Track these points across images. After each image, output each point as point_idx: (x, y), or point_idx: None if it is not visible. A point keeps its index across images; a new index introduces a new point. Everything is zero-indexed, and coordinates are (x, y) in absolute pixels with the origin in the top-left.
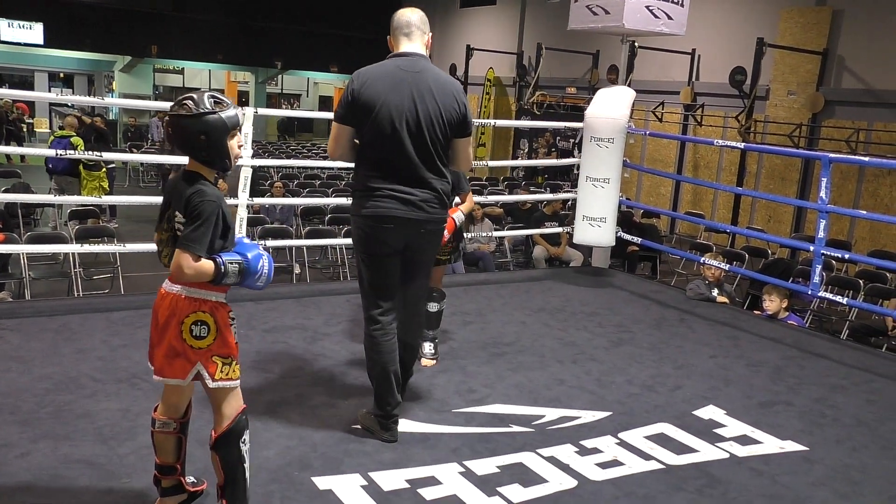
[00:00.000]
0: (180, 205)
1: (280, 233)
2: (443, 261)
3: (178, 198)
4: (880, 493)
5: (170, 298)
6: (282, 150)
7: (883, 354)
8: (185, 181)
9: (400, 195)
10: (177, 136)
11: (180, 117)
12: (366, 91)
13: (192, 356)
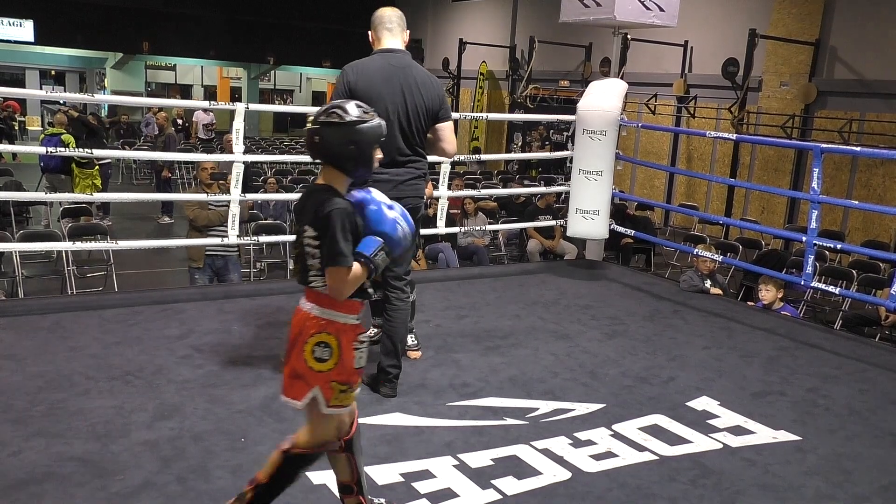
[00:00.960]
0: (308, 218)
1: (274, 228)
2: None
3: (307, 212)
4: (872, 482)
5: (300, 316)
6: (275, 146)
7: (875, 344)
8: (317, 195)
9: (388, 179)
10: (323, 145)
11: (331, 126)
12: (361, 83)
13: (311, 379)
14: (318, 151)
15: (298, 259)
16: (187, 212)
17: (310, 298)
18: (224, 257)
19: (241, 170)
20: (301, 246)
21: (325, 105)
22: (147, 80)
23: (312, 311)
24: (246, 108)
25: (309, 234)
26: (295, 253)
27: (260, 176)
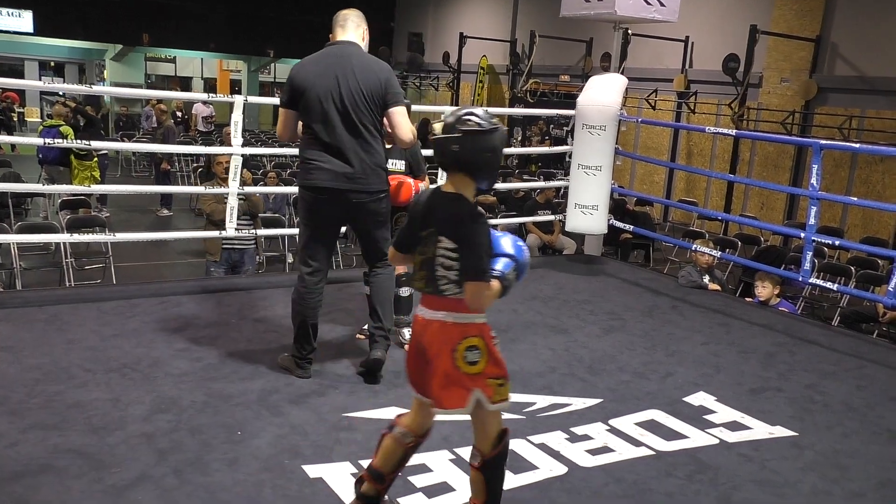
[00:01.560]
0: (448, 229)
1: (273, 222)
2: None
3: (443, 221)
4: (869, 478)
5: (435, 327)
6: (275, 139)
7: (873, 341)
8: (450, 203)
9: (331, 168)
10: (464, 152)
11: (475, 133)
12: (298, 76)
13: (469, 383)
14: (453, 160)
15: (425, 266)
16: (203, 206)
17: (439, 306)
18: (241, 250)
19: (240, 162)
20: (432, 254)
21: (456, 113)
22: (147, 72)
23: (448, 318)
24: (245, 101)
25: (446, 245)
26: (421, 259)
27: (259, 169)
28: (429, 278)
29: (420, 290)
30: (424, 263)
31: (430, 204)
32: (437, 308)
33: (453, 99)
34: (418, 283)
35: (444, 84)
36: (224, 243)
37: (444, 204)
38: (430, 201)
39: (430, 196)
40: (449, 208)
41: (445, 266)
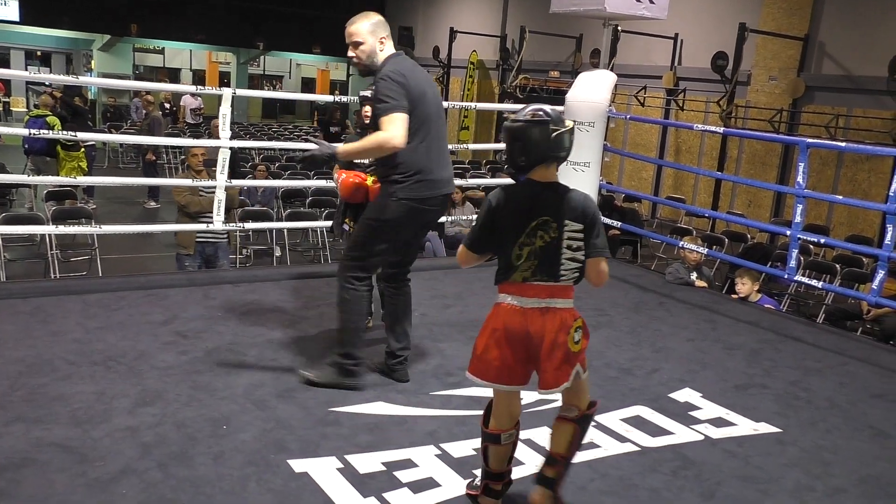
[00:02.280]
0: (573, 214)
1: (261, 215)
2: None
3: (564, 208)
4: (851, 474)
5: (556, 315)
6: (264, 132)
7: (857, 338)
8: (557, 190)
9: (444, 176)
10: (563, 145)
11: (569, 130)
12: (413, 80)
13: (573, 360)
14: (569, 151)
15: (537, 254)
16: (177, 198)
17: (551, 294)
18: (214, 244)
19: (228, 155)
20: (554, 241)
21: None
22: (135, 63)
23: (565, 305)
24: (233, 93)
25: (574, 227)
26: (529, 250)
27: (248, 162)
28: (549, 265)
29: (522, 280)
30: (536, 252)
31: (533, 196)
32: (548, 296)
33: (443, 94)
34: (526, 271)
35: (434, 78)
36: (198, 236)
37: (555, 192)
38: (530, 193)
39: (525, 190)
40: (569, 196)
41: (573, 248)
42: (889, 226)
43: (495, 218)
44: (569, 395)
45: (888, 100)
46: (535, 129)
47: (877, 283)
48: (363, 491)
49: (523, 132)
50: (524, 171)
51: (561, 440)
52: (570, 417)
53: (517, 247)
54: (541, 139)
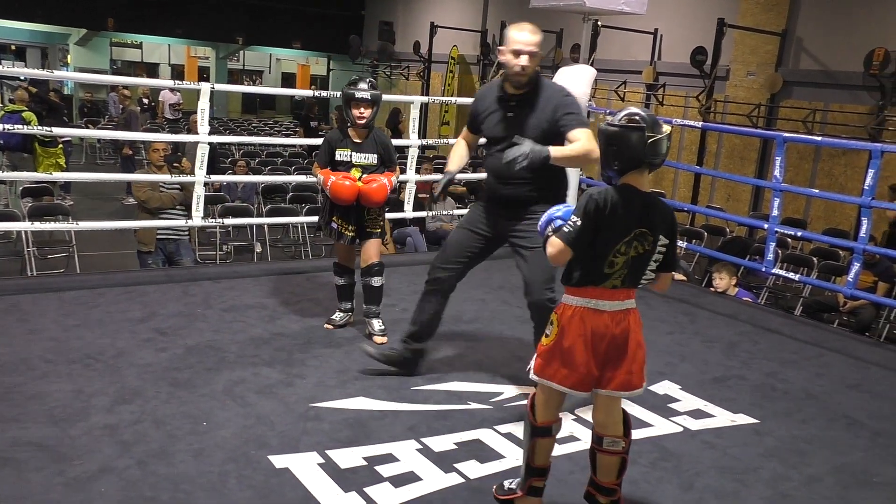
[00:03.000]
0: (664, 228)
1: (241, 211)
2: (376, 234)
3: (660, 221)
4: (825, 463)
5: (631, 317)
6: (243, 128)
7: (833, 330)
8: (656, 202)
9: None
10: (658, 151)
11: (666, 136)
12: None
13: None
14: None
15: (628, 265)
16: (137, 194)
17: (627, 297)
18: (176, 241)
19: (207, 150)
20: (647, 253)
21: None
22: (112, 57)
23: (633, 306)
24: (212, 88)
25: (663, 242)
26: (624, 259)
27: (227, 157)
28: (631, 274)
29: (613, 287)
30: (630, 261)
31: (634, 203)
32: (627, 298)
33: (424, 89)
34: (617, 279)
35: (415, 74)
36: (158, 233)
37: (659, 204)
38: (632, 200)
39: (626, 195)
40: (660, 206)
41: (657, 260)
42: (864, 219)
43: (600, 219)
44: (609, 414)
45: (864, 95)
46: (631, 135)
47: (852, 276)
48: (344, 486)
49: (618, 137)
50: (618, 175)
51: (609, 471)
52: (620, 451)
53: (613, 254)
54: (636, 145)
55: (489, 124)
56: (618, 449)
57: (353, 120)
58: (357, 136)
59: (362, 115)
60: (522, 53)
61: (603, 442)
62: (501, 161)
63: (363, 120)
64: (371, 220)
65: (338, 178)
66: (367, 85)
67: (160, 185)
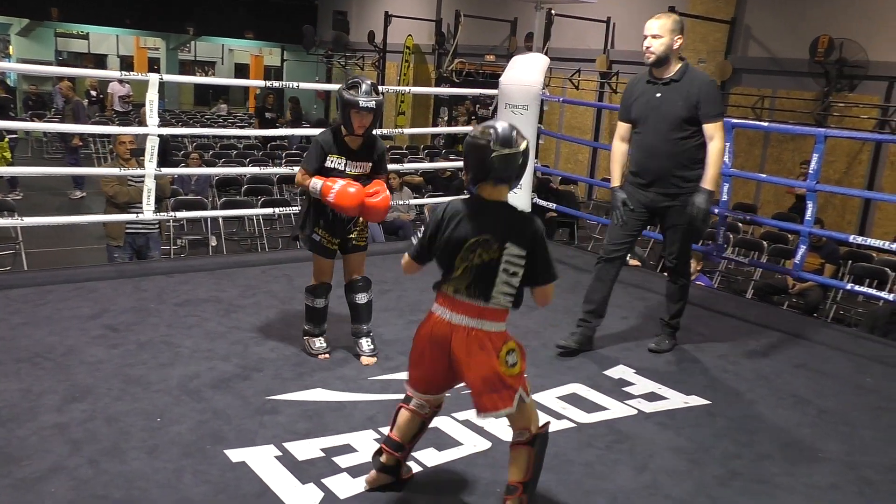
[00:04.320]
0: (515, 236)
1: (195, 204)
2: (362, 246)
3: (507, 229)
4: (773, 441)
5: (475, 334)
6: (196, 120)
7: (783, 311)
8: (511, 212)
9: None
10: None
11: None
12: None
13: (514, 383)
14: (518, 173)
15: (472, 272)
16: (105, 188)
17: (477, 314)
18: (146, 235)
19: (157, 143)
20: (493, 262)
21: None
22: (58, 48)
23: (484, 326)
24: (160, 79)
25: (514, 251)
26: (465, 266)
27: (181, 150)
28: (483, 285)
29: (453, 294)
30: (471, 270)
31: (477, 212)
32: (474, 316)
33: (379, 79)
34: (453, 286)
35: (370, 64)
36: (128, 227)
37: (502, 212)
38: (476, 209)
39: (471, 205)
40: (514, 216)
41: (510, 272)
42: (809, 202)
43: (439, 229)
44: (516, 420)
45: (810, 81)
46: (480, 149)
47: (798, 258)
48: (302, 478)
49: (470, 149)
50: (472, 184)
51: (516, 467)
52: (523, 441)
53: (456, 259)
54: (483, 158)
55: (639, 105)
56: (524, 439)
57: (353, 129)
58: (353, 143)
59: (363, 125)
60: (646, 37)
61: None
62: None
63: (363, 130)
64: (359, 231)
65: (344, 185)
66: (370, 89)
67: (128, 179)
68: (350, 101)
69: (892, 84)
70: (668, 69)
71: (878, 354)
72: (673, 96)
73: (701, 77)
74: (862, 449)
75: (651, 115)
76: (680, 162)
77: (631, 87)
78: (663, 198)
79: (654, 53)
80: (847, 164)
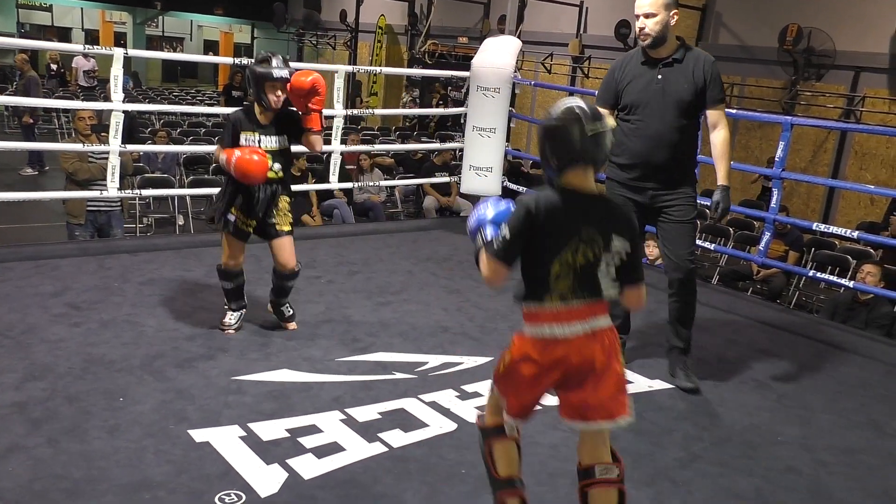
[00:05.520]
0: (622, 229)
1: (162, 182)
2: (286, 231)
3: (612, 222)
4: (734, 424)
5: (604, 336)
6: (164, 97)
7: (747, 297)
8: (603, 202)
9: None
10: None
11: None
12: None
13: (625, 387)
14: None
15: (584, 272)
16: (65, 165)
17: (594, 312)
18: (107, 213)
19: (121, 119)
20: (596, 259)
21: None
22: (20, 20)
23: (607, 323)
24: (125, 54)
25: (619, 245)
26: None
27: (147, 127)
28: (582, 287)
29: (562, 302)
30: (577, 270)
31: (574, 205)
32: (590, 316)
33: (351, 58)
34: (561, 291)
35: (342, 43)
36: (88, 205)
37: (601, 202)
38: (571, 202)
39: (564, 197)
40: (612, 206)
41: (610, 265)
42: (774, 190)
43: (533, 225)
44: (596, 443)
45: (779, 70)
46: (570, 129)
47: (763, 245)
48: (266, 458)
49: (555, 131)
50: (557, 174)
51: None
52: (614, 479)
53: (555, 263)
54: (574, 139)
55: (634, 90)
56: (612, 477)
57: (269, 103)
58: (265, 119)
59: (279, 99)
60: (639, 17)
61: (595, 471)
62: (718, 209)
63: (279, 103)
64: (281, 214)
65: (244, 153)
66: (281, 62)
67: (89, 156)
68: (264, 74)
69: (857, 74)
70: (666, 48)
71: (837, 341)
72: (677, 78)
73: (704, 56)
74: (818, 432)
75: (654, 101)
76: (684, 151)
77: (620, 68)
78: (664, 192)
79: (650, 35)
80: (812, 153)
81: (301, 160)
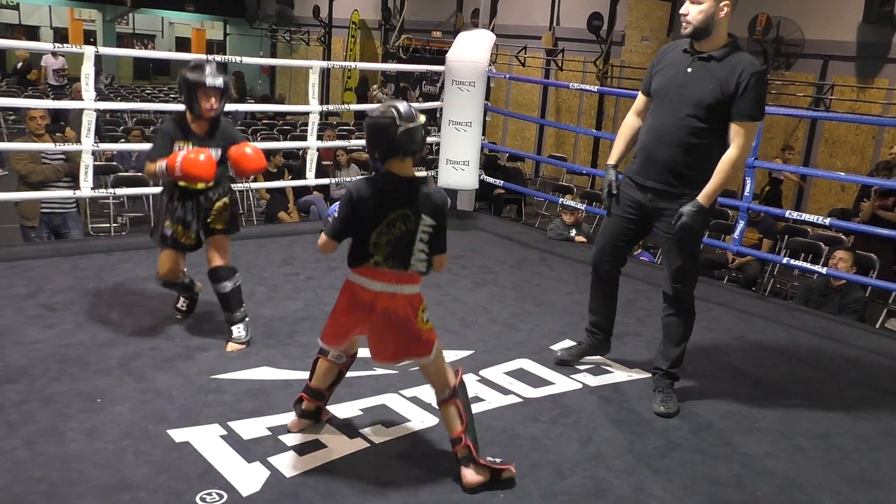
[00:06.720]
0: (429, 209)
1: (135, 181)
2: (221, 230)
3: (423, 203)
4: (713, 412)
5: (401, 299)
6: (136, 95)
7: (722, 286)
8: (426, 186)
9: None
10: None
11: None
12: None
13: (431, 336)
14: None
15: (393, 244)
16: (16, 166)
17: (400, 280)
18: (62, 214)
19: (93, 118)
20: (410, 233)
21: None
22: None
23: (413, 290)
24: (96, 52)
25: (429, 222)
26: (386, 239)
27: (120, 125)
28: (403, 254)
29: (374, 266)
30: (392, 242)
31: (393, 189)
32: (397, 282)
33: (325, 54)
34: (376, 258)
35: (316, 39)
36: (43, 206)
37: (423, 186)
38: (390, 186)
39: (385, 182)
40: (425, 190)
41: (425, 241)
42: (748, 179)
43: (356, 209)
44: (433, 377)
45: None
46: (385, 126)
47: (737, 233)
48: (247, 456)
49: (373, 128)
50: (381, 163)
51: (452, 421)
52: (448, 397)
53: (375, 234)
54: (390, 135)
55: (662, 77)
56: (445, 397)
57: (202, 112)
58: (198, 128)
59: (213, 107)
60: (685, 2)
61: (436, 395)
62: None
63: (213, 112)
64: (216, 214)
65: (189, 154)
66: (215, 70)
67: (42, 157)
68: (197, 81)
69: (826, 62)
70: (711, 42)
71: (811, 326)
72: (705, 76)
73: (748, 63)
74: (795, 418)
75: (672, 93)
76: (694, 158)
77: (662, 53)
78: (661, 198)
79: (690, 23)
80: (784, 141)
81: (277, 156)
